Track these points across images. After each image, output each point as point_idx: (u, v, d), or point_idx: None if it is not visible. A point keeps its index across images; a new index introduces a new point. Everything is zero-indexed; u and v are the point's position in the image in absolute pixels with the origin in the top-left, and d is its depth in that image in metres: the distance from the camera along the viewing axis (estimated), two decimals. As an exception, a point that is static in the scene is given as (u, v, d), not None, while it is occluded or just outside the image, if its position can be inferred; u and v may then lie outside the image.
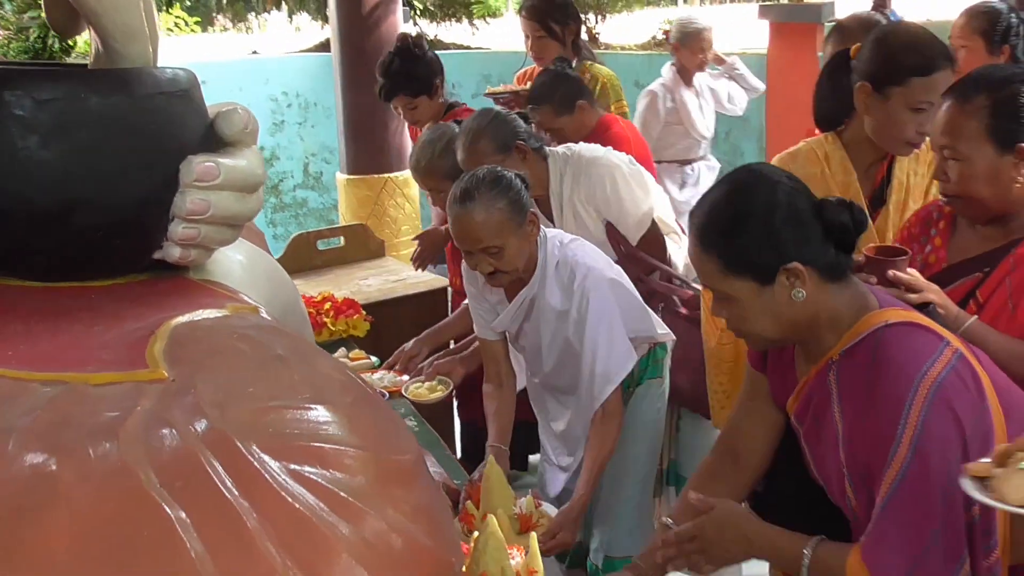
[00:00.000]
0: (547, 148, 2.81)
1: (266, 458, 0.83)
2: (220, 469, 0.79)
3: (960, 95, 2.05)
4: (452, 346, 3.05)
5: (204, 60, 7.62)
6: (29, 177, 1.22)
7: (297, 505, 0.80)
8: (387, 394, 2.62)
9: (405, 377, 2.70)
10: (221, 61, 7.88)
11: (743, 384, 2.09)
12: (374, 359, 2.97)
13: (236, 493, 0.78)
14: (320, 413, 0.93)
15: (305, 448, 0.86)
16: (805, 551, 1.74)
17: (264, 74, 7.40)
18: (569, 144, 2.96)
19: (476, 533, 1.70)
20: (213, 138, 1.38)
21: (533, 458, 3.68)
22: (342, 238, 4.15)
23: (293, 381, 1.00)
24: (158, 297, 1.26)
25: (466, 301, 2.62)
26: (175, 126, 1.34)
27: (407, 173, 5.75)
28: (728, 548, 1.80)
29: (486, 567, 1.58)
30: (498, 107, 2.89)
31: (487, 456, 2.25)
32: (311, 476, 0.83)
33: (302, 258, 4.00)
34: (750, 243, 1.76)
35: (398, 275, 3.89)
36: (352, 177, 5.98)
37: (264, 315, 1.33)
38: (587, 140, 3.51)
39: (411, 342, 2.92)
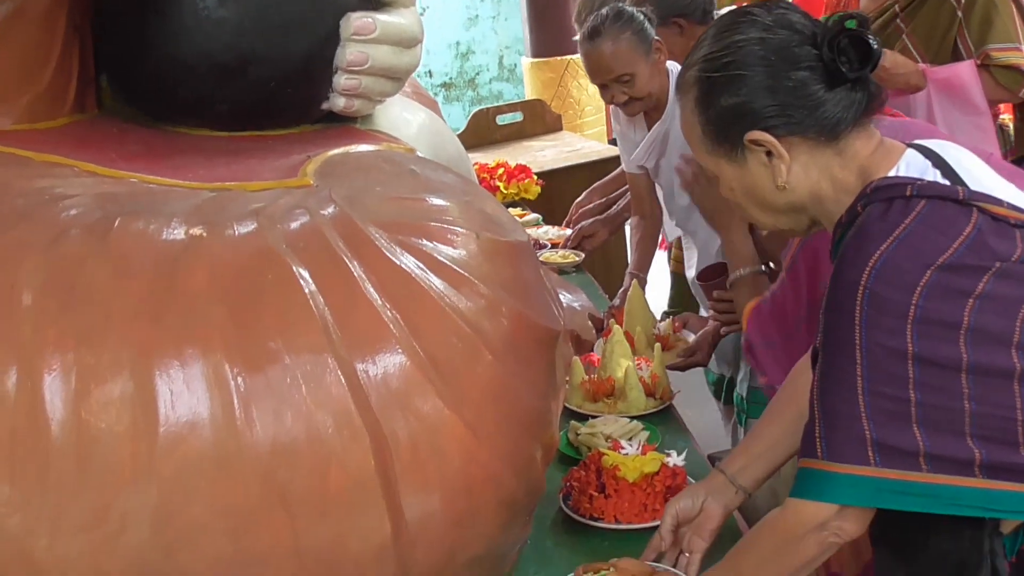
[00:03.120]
0: (714, 12, 2.78)
1: (378, 232, 0.97)
2: (337, 236, 0.94)
3: None
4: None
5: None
6: (209, 34, 1.40)
7: (398, 263, 0.93)
8: (550, 245, 2.76)
9: (568, 231, 2.81)
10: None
11: None
12: (539, 216, 3.11)
13: (348, 254, 0.92)
14: (433, 202, 1.05)
15: (413, 224, 0.98)
16: None
17: (457, -31, 7.52)
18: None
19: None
20: None
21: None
22: (520, 113, 4.28)
23: (418, 183, 1.13)
24: (326, 139, 1.40)
25: None
26: (334, -15, 1.49)
27: (591, 54, 5.72)
28: None
29: (612, 371, 1.71)
30: None
31: (626, 282, 2.36)
32: (415, 244, 0.95)
33: (482, 133, 4.12)
34: None
35: (573, 147, 3.97)
36: (536, 60, 6.02)
37: (419, 155, 1.48)
38: None
39: (583, 193, 3.03)
